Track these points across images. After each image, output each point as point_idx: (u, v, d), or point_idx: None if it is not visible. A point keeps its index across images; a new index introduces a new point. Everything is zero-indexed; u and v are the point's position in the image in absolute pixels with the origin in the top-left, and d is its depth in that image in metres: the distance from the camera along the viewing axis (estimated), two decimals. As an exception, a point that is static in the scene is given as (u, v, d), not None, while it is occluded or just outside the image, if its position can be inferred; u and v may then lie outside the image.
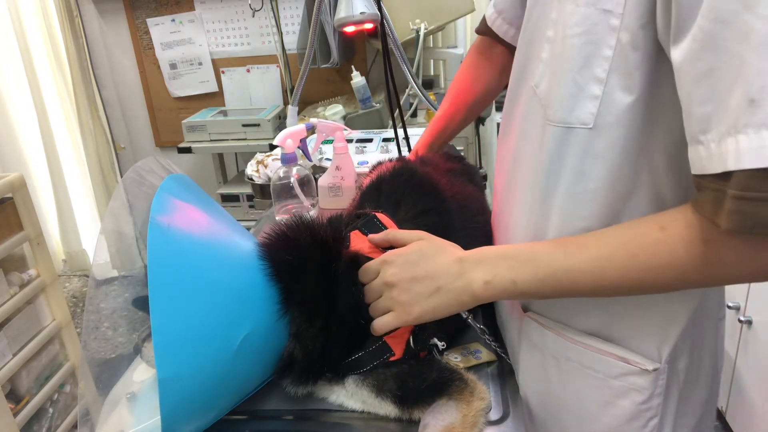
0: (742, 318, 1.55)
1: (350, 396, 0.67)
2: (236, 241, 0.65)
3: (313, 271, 0.65)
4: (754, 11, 0.38)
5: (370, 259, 0.68)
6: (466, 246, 0.67)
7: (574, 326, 0.63)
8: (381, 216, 0.74)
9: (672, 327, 0.60)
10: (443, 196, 0.81)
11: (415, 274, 0.62)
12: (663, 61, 0.48)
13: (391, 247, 0.68)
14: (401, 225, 0.73)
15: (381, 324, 0.64)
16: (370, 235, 0.70)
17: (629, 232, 0.52)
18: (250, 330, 0.59)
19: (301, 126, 1.23)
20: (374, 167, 0.94)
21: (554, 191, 0.59)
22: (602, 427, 0.64)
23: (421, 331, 0.67)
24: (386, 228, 0.72)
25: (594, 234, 0.55)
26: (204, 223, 0.64)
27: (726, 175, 0.41)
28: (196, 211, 0.64)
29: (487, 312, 0.83)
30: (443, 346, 0.69)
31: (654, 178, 0.54)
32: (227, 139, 2.41)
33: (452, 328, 0.74)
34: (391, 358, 0.66)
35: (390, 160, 0.96)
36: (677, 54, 0.44)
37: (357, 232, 0.72)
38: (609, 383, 0.61)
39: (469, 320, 0.70)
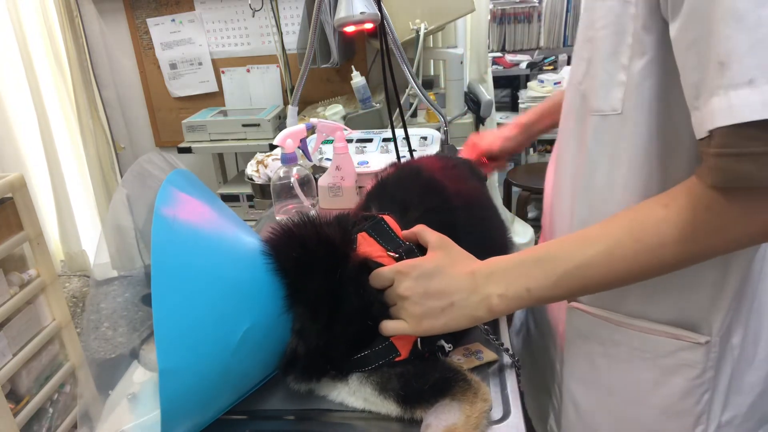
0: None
1: (352, 393, 0.67)
2: (239, 236, 0.66)
3: (319, 270, 0.64)
4: None
5: (380, 264, 0.67)
6: (474, 242, 0.68)
7: (621, 310, 0.64)
8: (388, 219, 0.73)
9: (720, 297, 0.60)
10: (448, 193, 0.81)
11: (428, 288, 0.62)
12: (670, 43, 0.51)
13: (401, 254, 0.68)
14: (408, 226, 0.73)
15: (391, 327, 0.64)
16: (404, 232, 0.70)
17: (633, 216, 0.54)
18: (251, 323, 0.59)
19: (301, 126, 1.23)
20: (381, 171, 0.94)
21: (593, 180, 0.62)
22: (653, 408, 0.65)
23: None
24: (394, 231, 0.72)
25: (598, 225, 0.56)
26: (208, 216, 0.64)
27: (710, 136, 0.45)
28: (201, 205, 0.64)
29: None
30: (449, 348, 0.70)
31: (684, 160, 0.56)
32: (227, 139, 2.41)
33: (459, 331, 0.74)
34: (397, 359, 0.66)
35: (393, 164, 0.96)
36: (673, 29, 0.48)
37: (364, 234, 0.72)
38: (659, 362, 0.62)
39: None
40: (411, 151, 1.29)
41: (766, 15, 0.40)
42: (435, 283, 0.62)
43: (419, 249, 0.69)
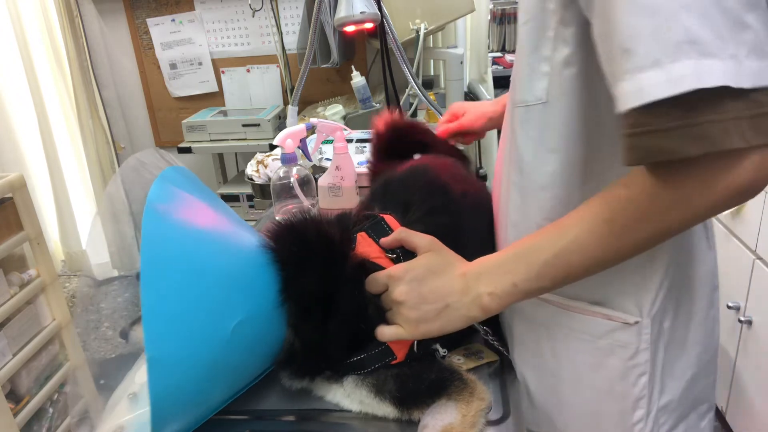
0: (742, 318, 1.55)
1: (347, 395, 0.67)
2: (234, 229, 0.66)
3: (316, 267, 0.64)
4: None
5: (377, 265, 0.68)
6: (481, 244, 0.70)
7: (560, 292, 0.66)
8: (388, 218, 0.73)
9: (649, 280, 0.63)
10: (452, 195, 0.80)
11: (422, 292, 0.63)
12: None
13: (398, 255, 0.68)
14: (410, 226, 0.73)
15: (388, 333, 0.65)
16: (382, 239, 0.70)
17: (601, 200, 0.55)
18: (244, 316, 0.59)
19: (301, 126, 1.23)
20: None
21: (522, 168, 0.64)
22: (596, 390, 0.67)
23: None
24: (393, 231, 0.71)
25: (571, 214, 0.57)
26: (201, 209, 0.64)
27: (623, 119, 0.47)
28: (194, 199, 0.64)
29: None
30: (444, 352, 0.70)
31: (608, 145, 0.58)
32: (227, 139, 2.41)
33: (456, 332, 0.75)
34: (393, 362, 0.66)
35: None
36: (594, 26, 0.51)
37: (363, 234, 0.71)
38: (597, 344, 0.65)
39: (474, 323, 0.70)
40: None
41: (664, 1, 0.43)
42: (428, 286, 0.63)
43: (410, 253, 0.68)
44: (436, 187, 0.82)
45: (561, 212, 0.59)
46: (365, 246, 0.70)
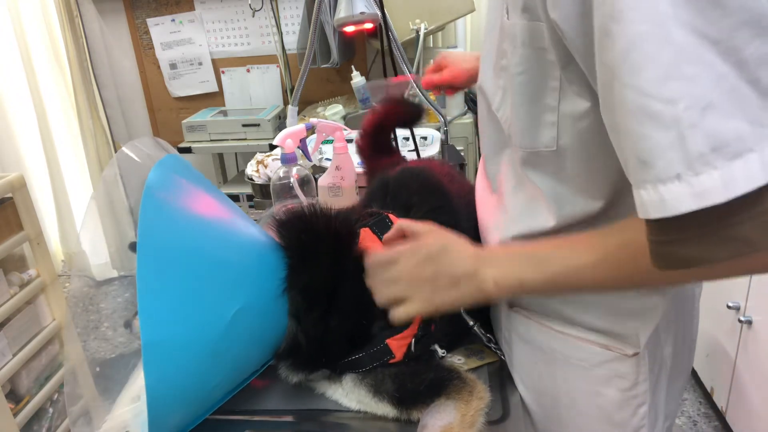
0: (742, 318, 1.55)
1: (346, 394, 0.67)
2: (233, 217, 0.65)
3: (324, 259, 0.64)
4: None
5: None
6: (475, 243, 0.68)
7: (558, 317, 0.65)
8: (392, 217, 0.73)
9: (650, 313, 0.62)
10: (450, 194, 0.81)
11: (437, 267, 0.62)
12: None
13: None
14: None
15: (403, 311, 0.62)
16: (385, 235, 0.70)
17: (618, 240, 0.53)
18: (245, 304, 0.59)
19: (301, 126, 1.23)
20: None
21: (521, 199, 0.63)
22: (593, 417, 0.66)
23: (424, 336, 0.67)
24: None
25: (584, 237, 0.56)
26: (198, 196, 0.63)
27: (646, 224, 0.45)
28: (191, 185, 0.64)
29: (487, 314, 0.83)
30: (443, 353, 0.70)
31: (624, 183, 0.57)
32: (227, 139, 2.41)
33: (455, 333, 0.74)
34: (391, 361, 0.66)
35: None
36: (599, 96, 0.47)
37: (367, 230, 0.72)
38: (594, 372, 0.64)
39: (475, 328, 0.70)
40: (417, 150, 1.29)
41: (681, 111, 0.38)
42: (442, 260, 0.62)
43: None
44: (433, 188, 0.82)
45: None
46: (369, 242, 0.70)
